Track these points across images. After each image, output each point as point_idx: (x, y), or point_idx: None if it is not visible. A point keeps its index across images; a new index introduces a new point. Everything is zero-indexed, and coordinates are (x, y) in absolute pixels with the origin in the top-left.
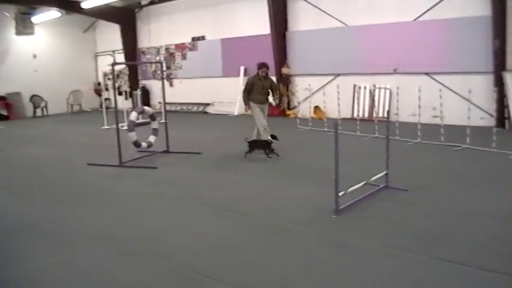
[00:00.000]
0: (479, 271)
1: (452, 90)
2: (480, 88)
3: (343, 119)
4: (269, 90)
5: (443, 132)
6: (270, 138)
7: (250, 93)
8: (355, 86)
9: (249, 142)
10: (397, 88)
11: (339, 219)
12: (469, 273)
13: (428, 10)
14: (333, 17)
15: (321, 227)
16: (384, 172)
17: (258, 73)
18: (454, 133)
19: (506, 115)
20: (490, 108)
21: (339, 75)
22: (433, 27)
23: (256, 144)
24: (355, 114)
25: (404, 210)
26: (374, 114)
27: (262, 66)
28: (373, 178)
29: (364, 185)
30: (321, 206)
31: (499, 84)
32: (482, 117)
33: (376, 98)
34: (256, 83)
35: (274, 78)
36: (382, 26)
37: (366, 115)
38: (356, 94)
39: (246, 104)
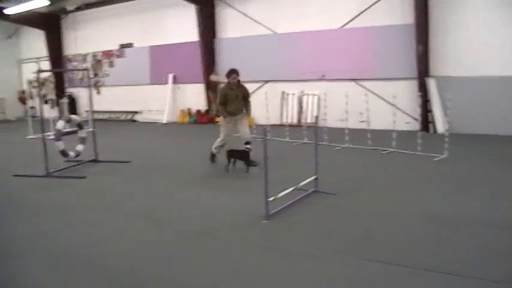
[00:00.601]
0: (403, 268)
1: (378, 96)
2: (405, 93)
3: (272, 125)
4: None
5: (370, 136)
6: (248, 146)
7: (225, 105)
8: (283, 92)
9: (227, 151)
10: (325, 94)
11: (269, 224)
12: (394, 271)
13: (354, 18)
14: (261, 24)
15: (251, 232)
16: (313, 177)
17: (228, 81)
18: (381, 137)
19: (430, 119)
20: (414, 113)
21: (267, 82)
22: (359, 34)
23: (235, 154)
24: (284, 121)
25: (333, 214)
26: (302, 120)
27: (232, 72)
28: (303, 183)
29: (293, 190)
30: (251, 212)
31: (423, 89)
32: (407, 121)
33: (304, 104)
34: (229, 93)
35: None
36: (310, 34)
37: (295, 121)
38: (284, 101)
39: (225, 117)
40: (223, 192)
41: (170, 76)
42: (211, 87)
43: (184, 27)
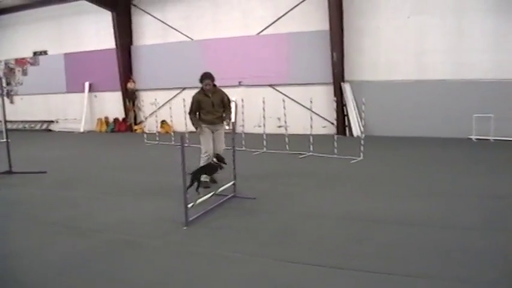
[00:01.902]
0: (320, 268)
1: (295, 101)
2: (321, 98)
3: (191, 132)
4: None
5: (288, 141)
6: (215, 160)
7: (198, 113)
8: None
9: (191, 173)
10: (242, 100)
11: (190, 230)
12: (311, 271)
13: (270, 25)
14: (178, 31)
15: (173, 239)
16: (232, 182)
17: (202, 87)
18: (298, 142)
19: (346, 123)
20: (331, 117)
21: (185, 88)
22: (275, 41)
23: (201, 171)
24: None
25: (252, 217)
26: None
27: (205, 77)
28: (221, 189)
29: (212, 195)
30: (172, 219)
31: (339, 94)
32: (324, 125)
33: None
34: (203, 100)
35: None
36: (227, 40)
37: None
38: None
39: (196, 127)
40: (144, 200)
41: (86, 84)
42: (128, 95)
43: (100, 34)
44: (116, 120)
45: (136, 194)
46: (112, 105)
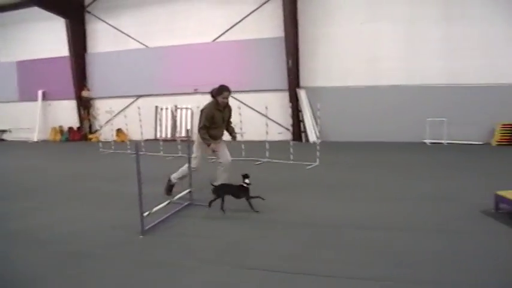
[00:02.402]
0: (277, 274)
1: (251, 108)
2: (277, 105)
3: (147, 140)
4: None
5: (244, 147)
6: (246, 181)
7: (209, 128)
8: (157, 107)
9: (215, 186)
10: (198, 108)
11: (146, 239)
12: (267, 277)
13: (226, 31)
14: (133, 38)
15: (129, 248)
16: (188, 190)
17: (216, 100)
18: (255, 148)
19: (302, 129)
20: (287, 123)
21: (140, 96)
22: (231, 47)
23: (226, 190)
24: (158, 135)
25: (208, 225)
26: (177, 134)
27: (225, 89)
28: (177, 196)
29: (168, 203)
30: (128, 228)
31: (294, 100)
32: (280, 132)
33: (178, 118)
34: (217, 115)
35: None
36: (182, 47)
37: (169, 135)
38: (158, 115)
39: (209, 144)
40: (100, 210)
41: (40, 92)
42: (83, 103)
43: (54, 42)
44: (70, 129)
45: (91, 203)
46: (66, 113)
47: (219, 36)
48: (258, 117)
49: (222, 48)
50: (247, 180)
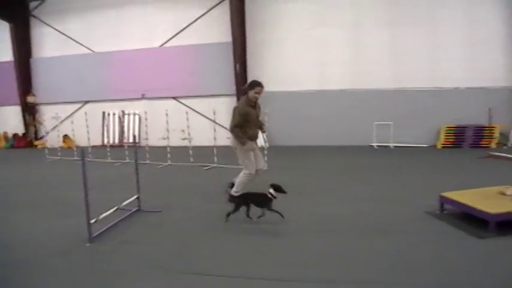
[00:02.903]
0: (223, 279)
1: (199, 113)
2: (225, 110)
3: (94, 146)
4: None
5: (192, 153)
6: (271, 191)
7: (242, 127)
8: (104, 112)
9: (236, 197)
10: (146, 113)
11: (93, 246)
12: (213, 282)
13: (173, 37)
14: (79, 43)
15: (75, 256)
16: (135, 196)
17: (247, 96)
18: (203, 153)
19: None
20: None
21: (87, 102)
22: (178, 53)
23: (249, 198)
24: (106, 141)
25: (156, 231)
26: (124, 140)
27: (258, 84)
28: (125, 203)
29: (116, 210)
30: (74, 236)
31: None
32: (228, 137)
33: (125, 124)
34: (251, 112)
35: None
36: (130, 52)
37: (117, 141)
38: (105, 121)
39: (244, 143)
40: (47, 218)
41: None
42: (28, 109)
43: None
44: (15, 135)
45: (37, 211)
46: (11, 119)
47: (167, 42)
48: (206, 123)
49: (170, 53)
50: (271, 191)
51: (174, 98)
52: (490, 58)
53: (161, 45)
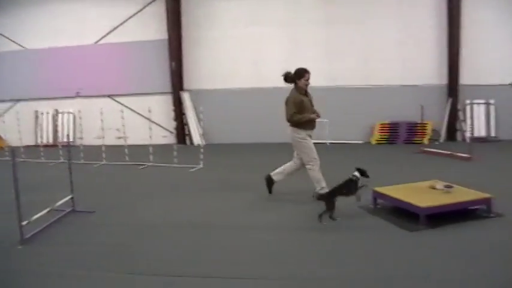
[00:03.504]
0: (163, 278)
1: (134, 111)
2: (161, 108)
3: (26, 146)
4: None
5: (128, 152)
6: (356, 173)
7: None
8: (37, 111)
9: (324, 195)
10: (80, 112)
11: (26, 249)
12: (154, 281)
13: (108, 34)
14: (10, 39)
15: (6, 259)
16: (69, 196)
17: (297, 85)
18: (139, 152)
19: (186, 132)
20: (171, 127)
21: (18, 101)
22: (114, 50)
23: (338, 192)
24: (39, 141)
25: (92, 231)
26: (58, 140)
27: (305, 71)
28: (58, 203)
29: (49, 211)
30: (6, 239)
31: (178, 103)
32: (164, 135)
33: (59, 123)
34: (305, 100)
35: None
36: (63, 49)
37: (50, 141)
38: (38, 120)
39: (308, 118)
40: None
41: None
42: None
43: None
44: None
45: None
46: None
47: (101, 38)
48: (141, 121)
49: (104, 50)
50: (356, 173)
51: (109, 96)
52: (421, 57)
53: (96, 42)
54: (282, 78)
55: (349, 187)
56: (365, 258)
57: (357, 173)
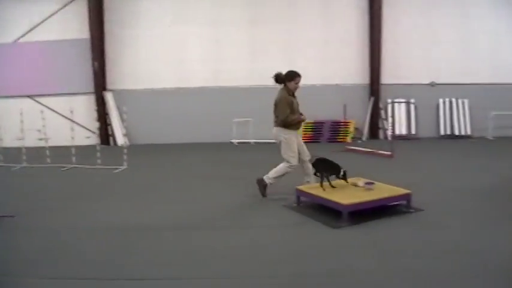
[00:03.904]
0: (91, 281)
1: (56, 112)
2: (84, 108)
3: None
4: None
5: (50, 154)
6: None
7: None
8: None
9: (316, 160)
10: None
11: None
12: (83, 285)
13: (28, 32)
14: None
15: None
16: None
17: (287, 87)
18: (61, 154)
19: (110, 132)
20: (94, 127)
21: None
22: (34, 49)
23: (327, 166)
24: None
25: (13, 236)
26: None
27: (297, 75)
28: None
29: None
30: None
31: (101, 103)
32: (87, 136)
33: None
34: (293, 102)
35: None
36: None
37: None
38: None
39: (304, 119)
40: None
41: None
42: None
43: None
44: None
45: None
46: None
47: (21, 37)
48: (63, 122)
49: (24, 49)
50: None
51: (29, 96)
52: (344, 56)
53: (15, 40)
54: (273, 78)
55: (333, 168)
56: (288, 256)
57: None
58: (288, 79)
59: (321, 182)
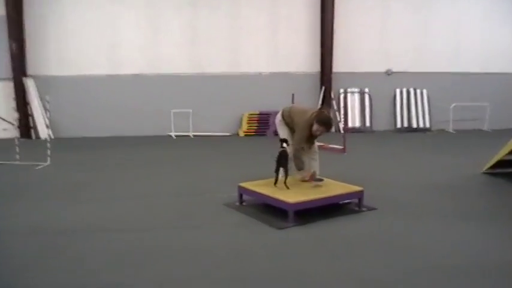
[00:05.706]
0: None
1: None
2: (1, 96)
3: None
4: None
5: None
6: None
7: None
8: None
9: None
10: None
11: None
12: None
13: None
14: None
15: None
16: None
17: (309, 124)
18: None
19: (31, 124)
20: (12, 118)
21: None
22: None
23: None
24: None
25: None
26: None
27: (326, 125)
28: None
29: None
30: None
31: (20, 91)
32: (4, 128)
33: None
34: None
35: None
36: None
37: None
38: None
39: (301, 168)
40: None
41: None
42: None
43: None
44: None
45: None
46: None
47: None
48: None
49: None
50: (284, 145)
51: None
52: (293, 43)
53: None
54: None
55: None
56: (229, 258)
57: (285, 145)
58: (316, 119)
59: (276, 178)
